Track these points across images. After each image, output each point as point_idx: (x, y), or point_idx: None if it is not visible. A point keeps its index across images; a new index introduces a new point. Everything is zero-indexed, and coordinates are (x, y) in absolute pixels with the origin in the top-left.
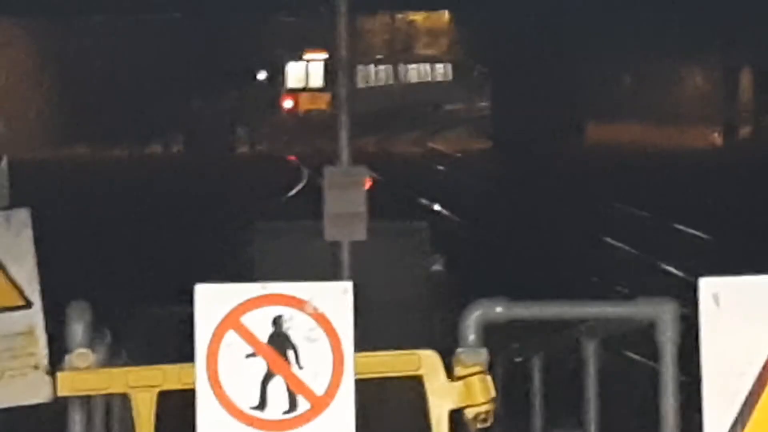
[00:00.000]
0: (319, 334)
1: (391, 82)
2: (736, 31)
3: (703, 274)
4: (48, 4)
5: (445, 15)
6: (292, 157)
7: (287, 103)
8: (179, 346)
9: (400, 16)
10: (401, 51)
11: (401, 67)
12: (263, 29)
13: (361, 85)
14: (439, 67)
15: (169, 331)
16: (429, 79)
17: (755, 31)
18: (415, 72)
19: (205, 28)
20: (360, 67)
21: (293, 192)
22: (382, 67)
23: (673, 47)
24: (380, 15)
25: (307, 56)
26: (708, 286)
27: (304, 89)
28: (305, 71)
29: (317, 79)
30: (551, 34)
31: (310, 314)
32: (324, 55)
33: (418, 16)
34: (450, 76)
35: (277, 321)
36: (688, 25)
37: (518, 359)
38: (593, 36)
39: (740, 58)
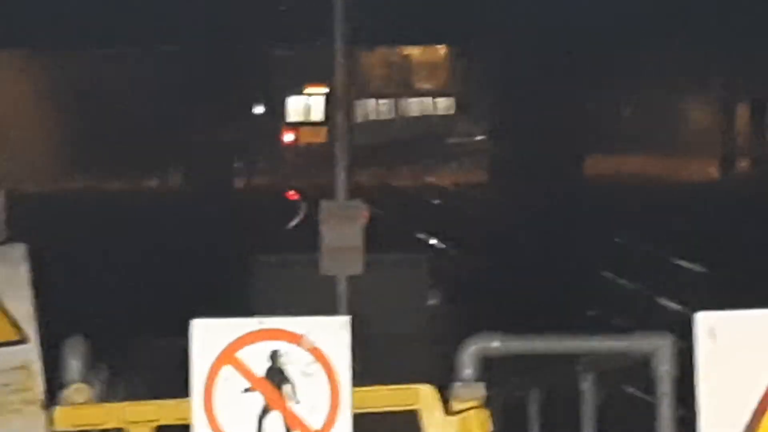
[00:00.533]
0: (316, 368)
1: (391, 116)
2: (735, 65)
3: (701, 308)
4: (47, 37)
5: (443, 49)
6: (293, 193)
7: (288, 137)
8: (178, 380)
9: (398, 50)
10: (399, 85)
11: (400, 101)
12: (262, 63)
13: (360, 119)
14: (439, 100)
15: (168, 365)
16: (428, 112)
17: (754, 65)
18: (414, 106)
19: (204, 61)
20: (359, 101)
21: (291, 225)
22: (382, 101)
23: (671, 80)
24: (378, 49)
25: (308, 90)
26: (704, 320)
27: (304, 123)
28: (306, 105)
29: (318, 113)
30: (549, 66)
31: (306, 349)
32: (325, 90)
33: (416, 50)
34: (449, 110)
35: (273, 356)
36: (686, 59)
37: (516, 393)
38: (592, 69)
39: (739, 91)
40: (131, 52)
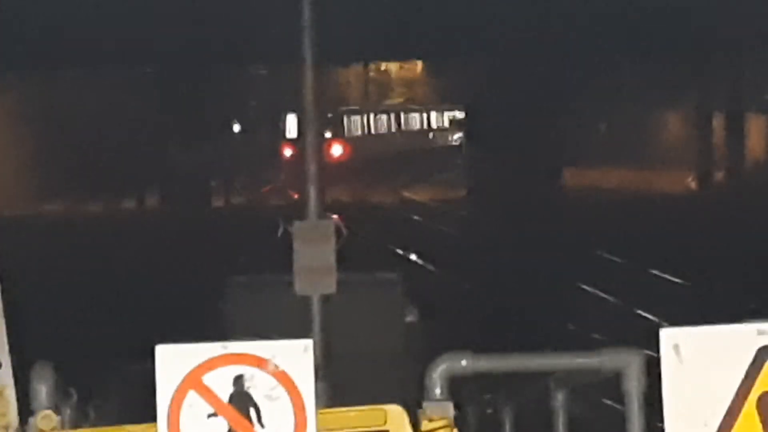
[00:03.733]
0: (281, 392)
1: (364, 132)
2: (711, 77)
3: (679, 320)
4: (22, 59)
5: (419, 64)
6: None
7: (287, 152)
8: (147, 405)
9: (376, 65)
10: (376, 100)
11: (373, 118)
12: (238, 82)
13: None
14: (415, 116)
15: (137, 390)
16: (404, 128)
17: (730, 77)
18: (389, 122)
19: (180, 81)
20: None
21: (266, 245)
22: (354, 117)
23: (648, 93)
24: (344, 66)
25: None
26: (669, 336)
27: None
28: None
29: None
30: (528, 80)
31: (271, 373)
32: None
33: (393, 66)
34: (426, 125)
35: (238, 380)
36: (663, 71)
37: (489, 410)
38: (569, 83)
39: (715, 103)
40: (109, 73)
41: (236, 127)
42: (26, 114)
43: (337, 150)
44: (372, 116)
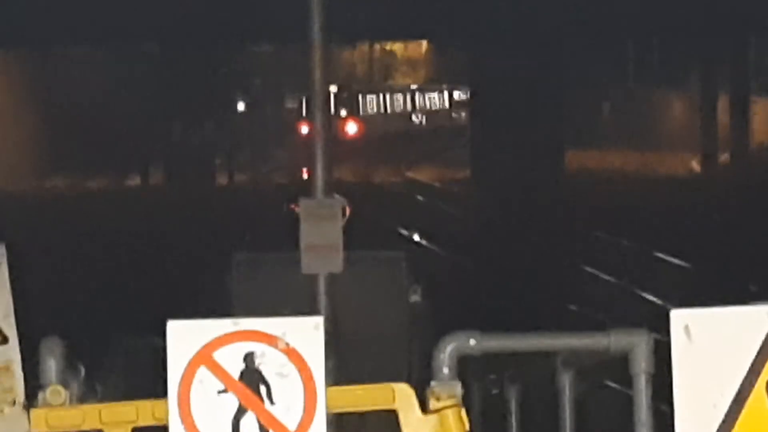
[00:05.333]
0: (291, 369)
1: (376, 111)
2: (714, 59)
3: (682, 303)
4: (25, 35)
5: (424, 44)
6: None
7: (304, 129)
8: (156, 380)
9: (380, 45)
10: (382, 79)
11: (386, 97)
12: (242, 60)
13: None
14: (423, 96)
15: (146, 365)
16: (410, 108)
17: (733, 58)
18: (398, 101)
19: (184, 59)
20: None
21: (272, 223)
22: (371, 96)
23: (651, 75)
24: (358, 45)
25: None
26: (679, 318)
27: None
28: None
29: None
30: (530, 62)
31: (281, 350)
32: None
33: (397, 46)
34: (431, 106)
35: (248, 357)
36: (666, 53)
37: (494, 391)
38: (571, 64)
39: (718, 85)
40: (112, 50)
41: (244, 106)
42: (31, 90)
43: (351, 128)
44: (387, 95)
